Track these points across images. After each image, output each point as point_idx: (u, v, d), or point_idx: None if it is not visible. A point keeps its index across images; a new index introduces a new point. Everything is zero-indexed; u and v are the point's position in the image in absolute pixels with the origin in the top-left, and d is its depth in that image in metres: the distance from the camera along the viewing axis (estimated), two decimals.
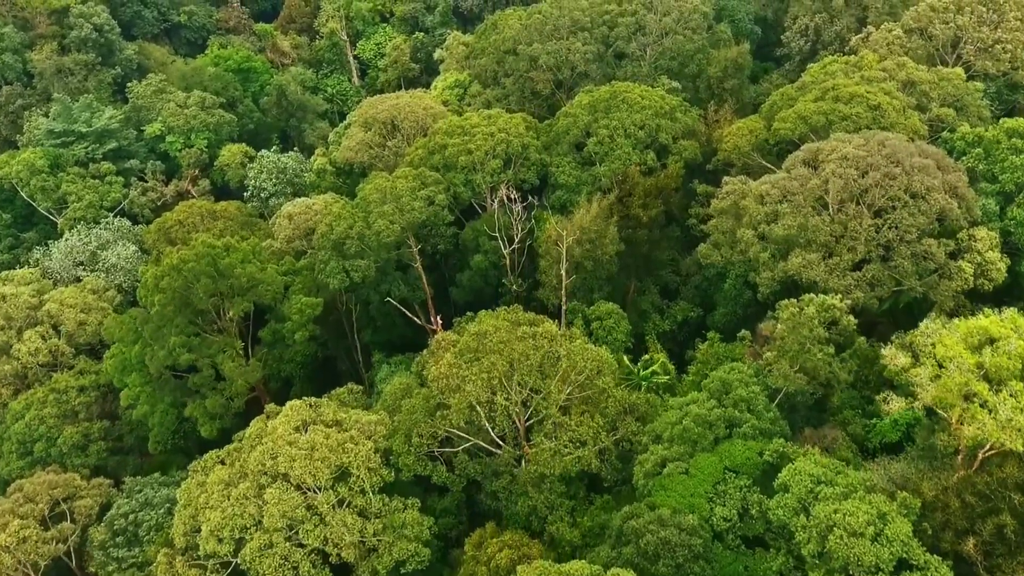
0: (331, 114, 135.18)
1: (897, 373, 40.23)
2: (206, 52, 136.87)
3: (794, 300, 49.25)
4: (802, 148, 57.05)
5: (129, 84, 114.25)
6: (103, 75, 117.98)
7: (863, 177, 51.26)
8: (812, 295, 48.46)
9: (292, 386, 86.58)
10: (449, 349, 54.98)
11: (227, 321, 66.03)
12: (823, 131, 60.50)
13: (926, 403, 38.01)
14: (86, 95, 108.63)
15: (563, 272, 63.12)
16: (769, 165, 66.25)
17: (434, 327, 73.16)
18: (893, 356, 39.81)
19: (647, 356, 59.87)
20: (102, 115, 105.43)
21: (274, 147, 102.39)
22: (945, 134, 60.88)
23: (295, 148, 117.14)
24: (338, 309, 79.21)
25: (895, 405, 39.75)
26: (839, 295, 48.35)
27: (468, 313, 73.97)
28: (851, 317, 47.39)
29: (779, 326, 48.09)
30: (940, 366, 37.76)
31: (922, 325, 40.95)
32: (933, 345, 38.16)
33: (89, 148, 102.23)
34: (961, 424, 36.88)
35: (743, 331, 60.06)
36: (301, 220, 75.47)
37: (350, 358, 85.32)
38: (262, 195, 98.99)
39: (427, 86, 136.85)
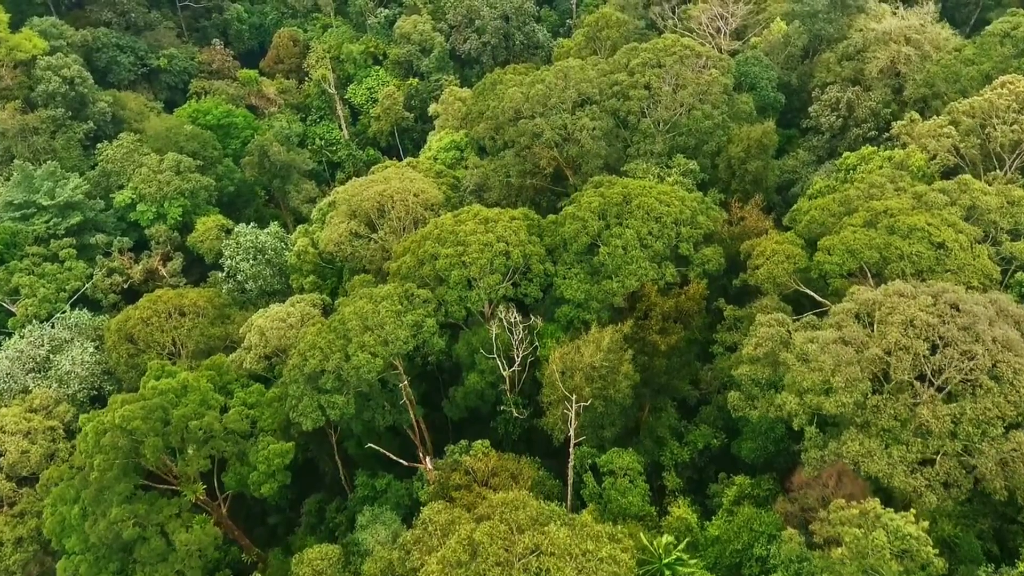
0: (321, 165, 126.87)
1: None
2: (188, 97, 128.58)
3: (855, 511, 40.51)
4: (853, 297, 48.31)
5: (99, 146, 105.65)
6: (73, 131, 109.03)
7: (934, 353, 42.70)
8: (878, 509, 39.79)
9: None
10: (438, 535, 46.50)
11: (183, 466, 57.37)
12: (875, 267, 51.87)
13: None
14: (50, 161, 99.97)
15: (572, 433, 54.46)
16: (808, 291, 57.70)
17: (423, 464, 64.66)
18: None
19: (668, 539, 51.13)
20: (66, 184, 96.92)
21: (251, 224, 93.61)
22: (1020, 275, 52.21)
23: (279, 222, 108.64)
24: None
25: None
26: (911, 510, 39.72)
27: (463, 441, 65.98)
28: (930, 548, 38.81)
29: (839, 549, 39.48)
30: None
31: None
32: None
33: (51, 222, 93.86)
34: None
35: (779, 503, 51.68)
36: (274, 336, 66.79)
37: (332, 462, 77.21)
38: (238, 277, 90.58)
39: (422, 134, 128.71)
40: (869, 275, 52.20)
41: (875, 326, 45.59)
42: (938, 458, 42.95)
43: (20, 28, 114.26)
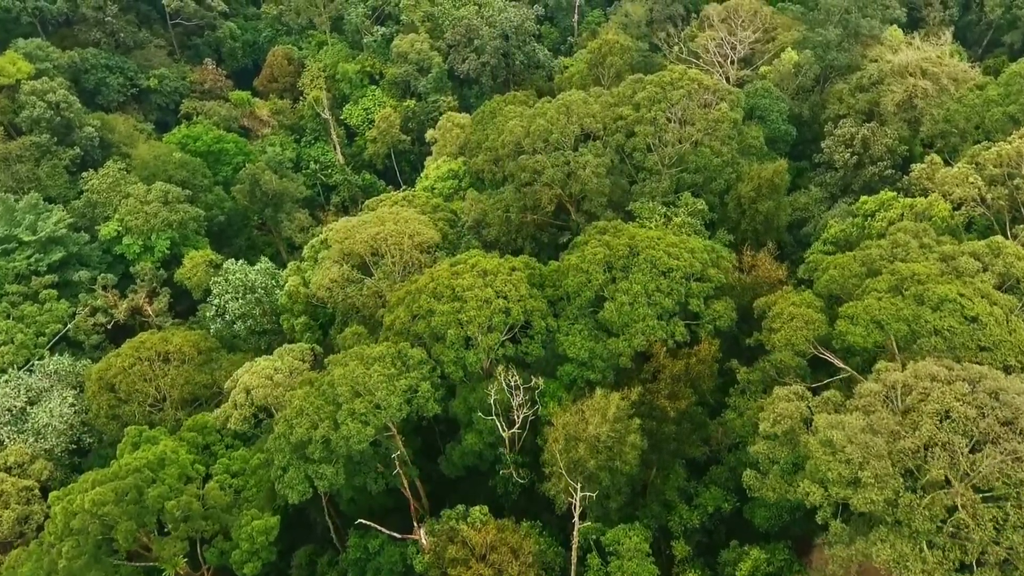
0: (315, 189, 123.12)
1: None
2: (179, 119, 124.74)
3: None
4: (881, 377, 44.70)
5: (84, 175, 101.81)
6: (58, 158, 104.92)
7: (972, 450, 39.18)
8: None
9: None
10: None
11: (160, 548, 53.75)
12: (903, 341, 48.27)
13: None
14: (32, 192, 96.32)
15: (576, 519, 50.89)
16: (828, 356, 54.10)
17: (416, 534, 61.11)
18: None
19: None
20: (49, 218, 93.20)
21: (241, 261, 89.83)
22: None
23: (271, 250, 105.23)
24: None
25: None
26: None
27: (459, 506, 62.50)
28: None
29: None
30: None
31: None
32: None
33: (32, 258, 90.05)
34: None
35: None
36: (259, 395, 63.18)
37: (323, 512, 73.82)
38: (227, 316, 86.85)
39: (419, 157, 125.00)
40: (896, 347, 48.56)
41: (906, 413, 42.01)
42: (975, 565, 39.42)
43: (5, 50, 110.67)
